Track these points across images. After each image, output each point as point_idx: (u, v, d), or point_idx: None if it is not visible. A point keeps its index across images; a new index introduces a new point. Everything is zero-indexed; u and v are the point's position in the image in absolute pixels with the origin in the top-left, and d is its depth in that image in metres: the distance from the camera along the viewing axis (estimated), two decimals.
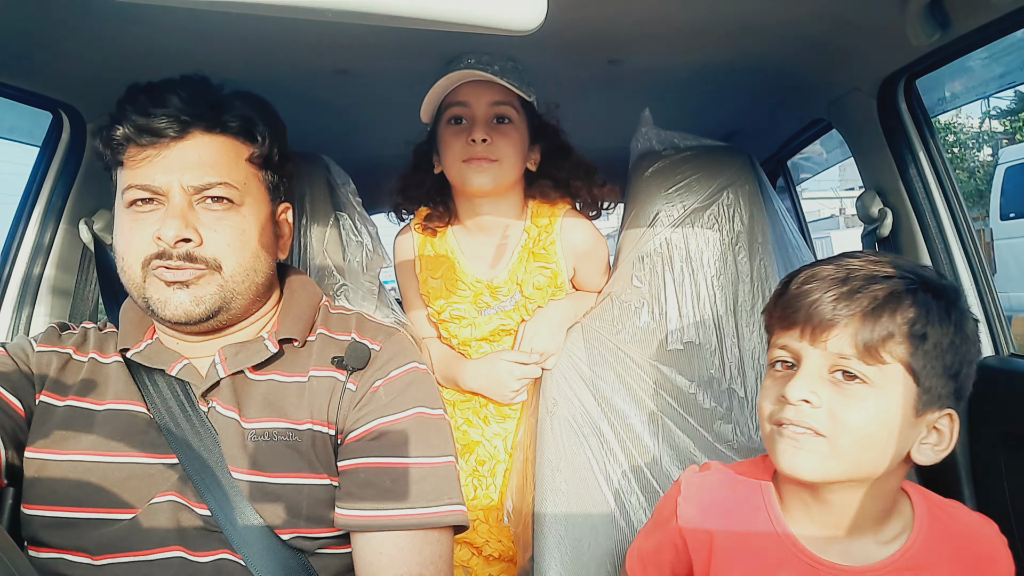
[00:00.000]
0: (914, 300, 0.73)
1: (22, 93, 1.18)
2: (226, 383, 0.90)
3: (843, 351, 0.73)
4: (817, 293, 0.75)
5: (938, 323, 0.73)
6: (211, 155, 0.88)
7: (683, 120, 1.59)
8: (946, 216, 1.24)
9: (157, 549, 0.83)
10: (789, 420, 0.74)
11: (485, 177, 1.18)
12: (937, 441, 0.76)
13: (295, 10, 0.44)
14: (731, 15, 1.05)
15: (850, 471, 0.74)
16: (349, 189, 1.28)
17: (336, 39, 1.09)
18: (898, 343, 0.72)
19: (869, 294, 0.73)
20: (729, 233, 1.24)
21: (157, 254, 0.85)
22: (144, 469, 0.86)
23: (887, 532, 0.78)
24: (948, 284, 0.78)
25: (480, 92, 1.17)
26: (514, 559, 1.27)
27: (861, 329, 0.72)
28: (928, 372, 0.73)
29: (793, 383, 0.74)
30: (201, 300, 0.86)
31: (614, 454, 1.16)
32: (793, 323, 0.77)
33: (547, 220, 1.27)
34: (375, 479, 0.86)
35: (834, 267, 0.77)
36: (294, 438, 0.88)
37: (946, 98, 1.40)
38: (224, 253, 0.87)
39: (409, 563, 0.83)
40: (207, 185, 0.87)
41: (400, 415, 0.90)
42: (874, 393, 0.72)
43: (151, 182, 0.85)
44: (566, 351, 1.22)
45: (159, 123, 0.85)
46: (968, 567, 0.77)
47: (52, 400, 0.90)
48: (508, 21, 0.46)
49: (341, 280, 1.25)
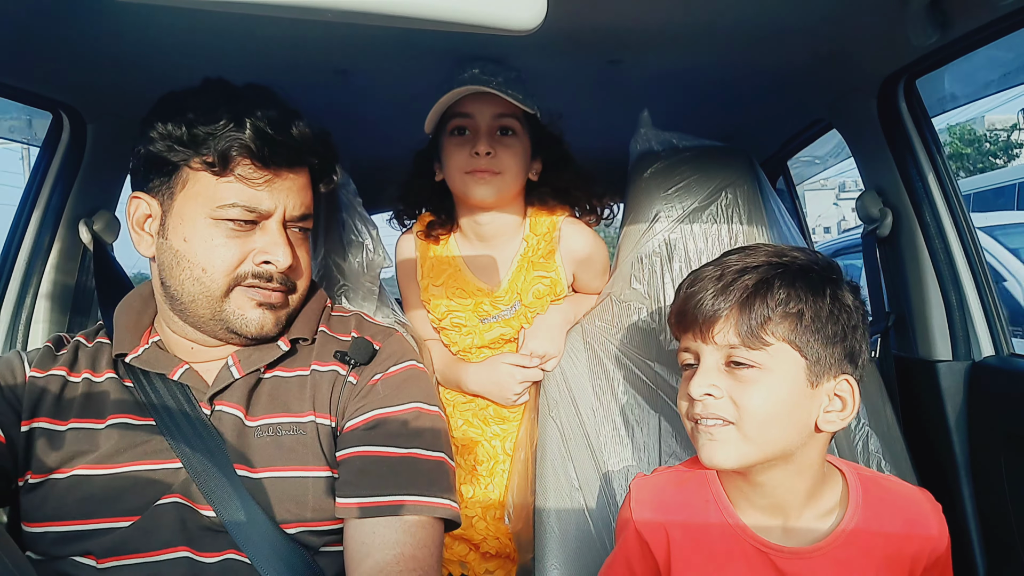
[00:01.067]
0: (782, 282, 0.79)
1: (22, 93, 1.18)
2: (238, 384, 0.91)
3: (730, 342, 0.79)
4: (700, 293, 0.82)
5: (811, 298, 0.79)
6: (303, 187, 0.93)
7: (683, 120, 1.59)
8: (946, 216, 1.24)
9: (163, 550, 0.83)
10: (699, 415, 0.81)
11: (488, 189, 1.18)
12: (841, 407, 0.80)
13: (295, 10, 0.44)
14: (731, 16, 1.05)
15: (764, 451, 0.79)
16: (349, 190, 1.28)
17: (336, 39, 1.08)
18: (776, 324, 0.78)
19: (741, 285, 0.80)
20: (728, 233, 1.24)
21: (256, 274, 0.88)
22: (148, 475, 0.86)
23: (822, 505, 0.83)
24: (819, 260, 0.84)
25: (484, 104, 1.16)
26: (511, 556, 1.28)
27: (740, 319, 0.79)
28: (812, 344, 0.78)
29: (694, 380, 0.81)
30: (280, 320, 0.93)
31: (614, 454, 1.16)
32: (687, 325, 0.84)
33: (546, 229, 1.27)
34: (371, 467, 0.87)
35: (714, 266, 0.84)
36: (298, 431, 0.89)
37: (946, 98, 1.40)
38: (301, 278, 0.95)
39: (403, 544, 0.84)
40: (301, 216, 0.93)
41: (397, 408, 0.92)
42: (765, 375, 0.78)
43: (259, 205, 0.87)
44: (566, 351, 1.22)
45: (285, 149, 0.87)
46: (905, 535, 0.81)
47: (54, 426, 0.90)
48: (508, 21, 0.46)
49: (341, 281, 1.25)
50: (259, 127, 0.84)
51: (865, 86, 1.25)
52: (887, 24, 1.05)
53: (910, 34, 1.02)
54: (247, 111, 0.85)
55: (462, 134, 1.19)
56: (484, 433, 1.28)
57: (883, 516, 0.81)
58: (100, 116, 1.28)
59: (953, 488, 1.18)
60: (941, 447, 1.21)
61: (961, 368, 1.21)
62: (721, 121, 1.75)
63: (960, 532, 1.17)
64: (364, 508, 0.85)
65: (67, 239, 1.31)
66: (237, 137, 0.84)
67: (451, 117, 1.18)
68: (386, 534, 0.84)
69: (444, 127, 1.20)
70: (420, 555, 0.84)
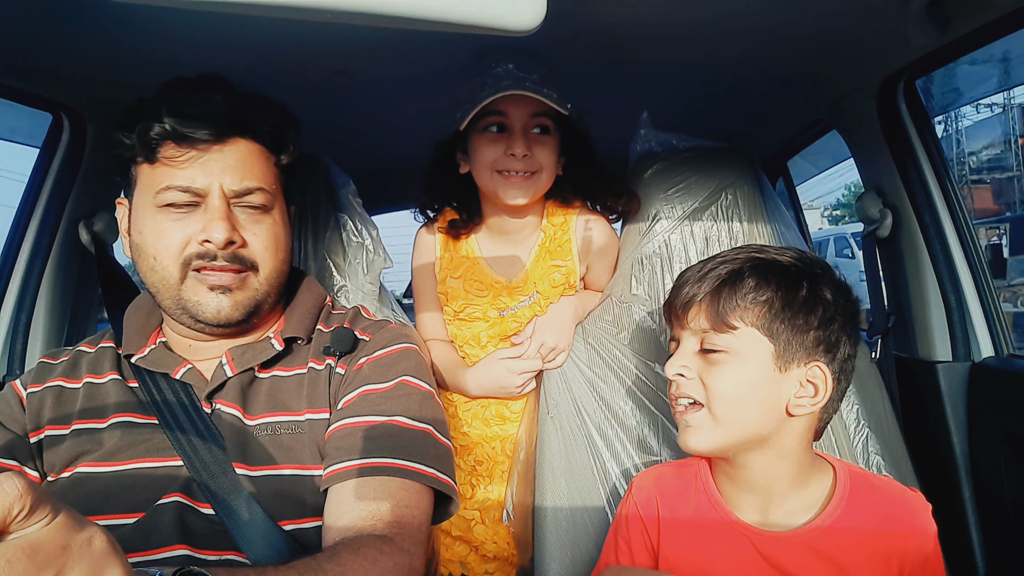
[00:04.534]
0: (753, 273, 0.84)
1: (22, 94, 1.18)
2: (232, 383, 0.91)
3: (703, 326, 0.85)
4: (684, 284, 0.89)
5: (784, 288, 0.83)
6: (248, 159, 0.90)
7: (683, 121, 1.60)
8: (946, 216, 1.24)
9: (162, 548, 0.83)
10: (673, 394, 0.87)
11: (522, 192, 1.17)
12: (813, 394, 0.83)
13: (295, 11, 0.44)
14: (731, 16, 1.05)
15: (737, 433, 0.83)
16: (349, 190, 1.28)
17: (336, 40, 1.09)
18: (745, 310, 0.83)
19: (715, 274, 0.86)
20: (728, 234, 1.24)
21: (200, 254, 0.86)
22: (150, 473, 0.86)
23: (808, 495, 0.85)
24: (804, 258, 0.88)
25: (520, 102, 1.13)
26: (510, 558, 1.27)
27: (711, 304, 0.85)
28: (780, 331, 0.82)
29: (669, 361, 0.87)
30: (240, 304, 0.89)
31: (614, 454, 1.15)
32: (670, 313, 0.91)
33: (562, 219, 1.27)
34: (351, 434, 0.86)
35: (701, 263, 0.90)
36: (296, 429, 0.89)
37: (946, 98, 1.40)
38: (263, 256, 0.91)
39: (380, 503, 0.80)
40: (246, 190, 0.89)
41: (384, 384, 0.91)
42: (733, 359, 0.83)
43: (191, 183, 0.86)
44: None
45: (203, 124, 0.85)
46: (888, 532, 0.82)
47: (57, 431, 0.90)
48: (508, 21, 0.46)
49: (342, 281, 1.25)
50: (174, 107, 0.85)
51: (865, 86, 1.25)
52: (887, 24, 1.05)
53: (910, 34, 1.03)
54: (166, 96, 0.87)
55: (495, 131, 1.17)
56: (485, 434, 1.28)
57: (867, 512, 0.83)
58: (100, 117, 1.28)
59: (953, 488, 1.18)
60: (941, 447, 1.21)
61: (961, 369, 1.21)
62: (721, 121, 1.75)
63: (960, 532, 1.17)
64: (341, 473, 0.83)
65: (67, 240, 1.31)
66: (155, 122, 0.85)
67: (485, 114, 1.15)
68: (365, 493, 0.81)
69: (475, 123, 1.17)
70: (402, 517, 0.80)
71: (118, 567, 0.41)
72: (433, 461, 0.87)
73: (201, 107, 0.86)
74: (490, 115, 1.15)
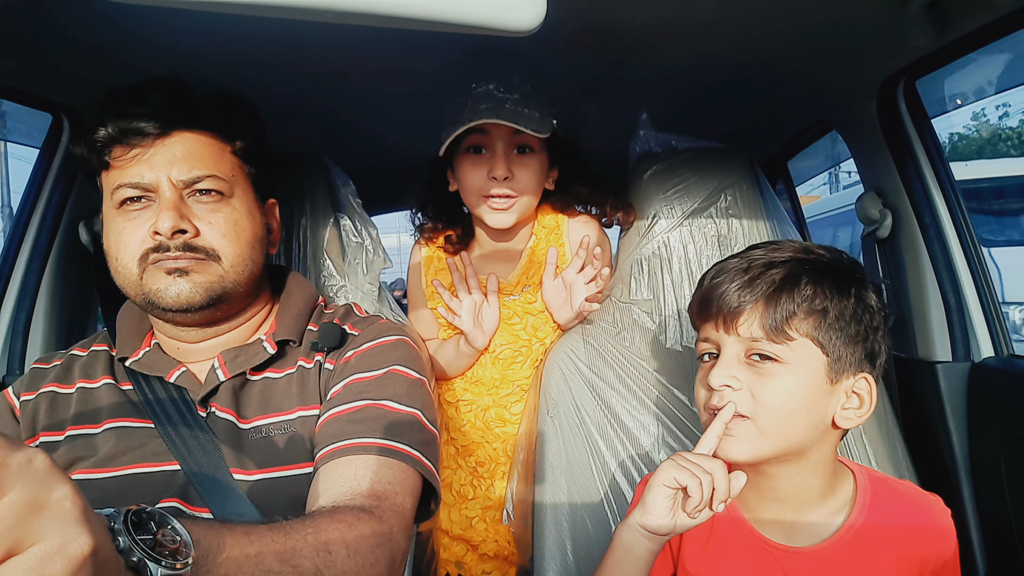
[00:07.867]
0: (809, 278, 0.79)
1: (22, 94, 1.18)
2: (225, 387, 0.91)
3: (754, 335, 0.79)
4: (725, 284, 0.82)
5: (836, 296, 0.79)
6: (196, 149, 0.89)
7: (683, 121, 1.60)
8: (946, 217, 1.24)
9: None
10: (716, 406, 0.80)
11: (506, 217, 1.18)
12: (859, 405, 0.80)
13: (295, 11, 0.44)
14: (731, 17, 1.05)
15: (780, 445, 0.79)
16: (349, 190, 1.28)
17: (336, 40, 1.08)
18: (801, 320, 0.78)
19: (767, 279, 0.80)
20: (728, 235, 1.24)
21: (154, 248, 0.86)
22: (147, 478, 0.86)
23: (832, 504, 0.83)
24: (844, 259, 0.83)
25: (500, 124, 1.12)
26: (509, 558, 1.28)
27: (765, 312, 0.78)
28: (834, 342, 0.78)
29: (714, 371, 0.80)
30: (200, 286, 0.88)
31: (614, 455, 1.15)
32: (709, 316, 0.83)
33: (554, 223, 1.27)
34: (338, 420, 0.86)
35: (739, 259, 0.84)
36: (289, 429, 0.89)
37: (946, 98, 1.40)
38: (221, 243, 0.89)
39: (360, 478, 0.79)
40: (196, 178, 0.88)
41: (372, 373, 0.91)
42: (787, 369, 0.78)
43: (140, 179, 0.86)
44: (566, 352, 1.22)
45: (142, 121, 0.86)
46: (913, 539, 0.81)
47: (52, 437, 0.90)
48: (508, 22, 0.46)
49: (341, 281, 1.25)
50: (115, 111, 0.86)
51: (865, 87, 1.25)
52: (887, 24, 1.05)
53: (910, 35, 1.03)
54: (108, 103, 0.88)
55: (478, 152, 1.17)
56: (485, 435, 1.28)
57: (890, 517, 0.81)
58: None
59: (953, 488, 1.18)
60: (941, 447, 1.21)
61: (961, 369, 1.21)
62: (721, 121, 1.75)
63: (960, 532, 1.16)
64: (325, 456, 0.83)
65: (67, 240, 1.31)
66: (99, 127, 0.86)
67: (468, 133, 1.15)
68: (344, 471, 0.80)
69: (459, 142, 1.17)
70: (383, 491, 0.78)
71: (66, 485, 0.38)
72: (419, 446, 0.86)
73: (140, 106, 0.87)
74: (473, 134, 1.15)
